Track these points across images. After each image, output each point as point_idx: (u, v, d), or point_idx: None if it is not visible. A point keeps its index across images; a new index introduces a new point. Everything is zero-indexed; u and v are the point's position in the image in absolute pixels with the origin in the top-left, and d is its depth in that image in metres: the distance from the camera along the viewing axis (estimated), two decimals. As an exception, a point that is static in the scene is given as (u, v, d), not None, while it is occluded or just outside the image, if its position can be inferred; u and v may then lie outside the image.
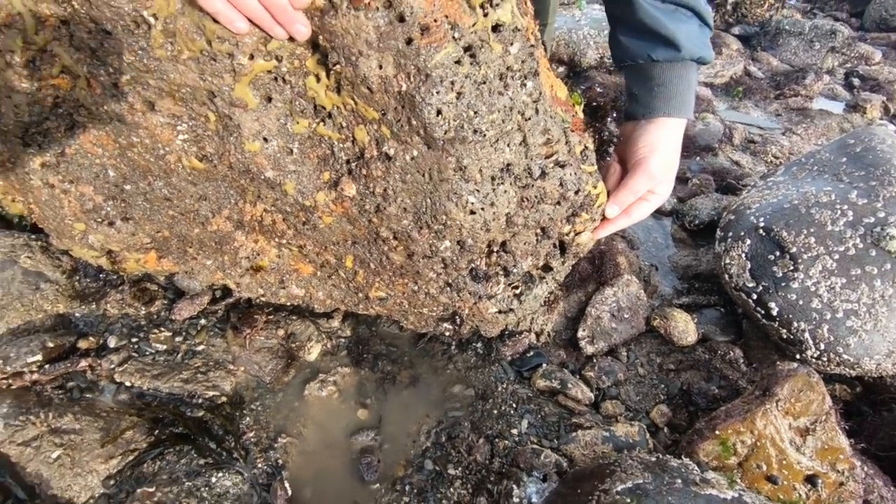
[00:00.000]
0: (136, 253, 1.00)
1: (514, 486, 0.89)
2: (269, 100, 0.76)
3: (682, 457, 0.91)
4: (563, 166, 0.84)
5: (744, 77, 2.61)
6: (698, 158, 1.88)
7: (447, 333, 1.10)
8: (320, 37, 0.68)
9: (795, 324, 1.07)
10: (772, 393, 0.91)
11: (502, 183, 0.79)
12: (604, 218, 0.94)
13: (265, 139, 0.79)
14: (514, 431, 1.01)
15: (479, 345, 1.20)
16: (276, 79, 0.74)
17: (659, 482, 0.79)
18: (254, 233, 0.97)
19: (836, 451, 0.89)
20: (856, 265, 1.05)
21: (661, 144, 0.88)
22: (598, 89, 1.69)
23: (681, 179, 1.80)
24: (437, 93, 0.67)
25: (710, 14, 0.89)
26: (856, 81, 2.68)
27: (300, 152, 0.81)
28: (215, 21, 0.66)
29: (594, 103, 0.93)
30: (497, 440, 1.00)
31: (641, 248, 1.53)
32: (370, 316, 1.19)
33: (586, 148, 0.89)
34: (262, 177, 0.83)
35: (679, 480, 0.79)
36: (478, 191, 0.78)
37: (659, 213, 1.67)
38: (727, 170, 1.80)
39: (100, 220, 0.93)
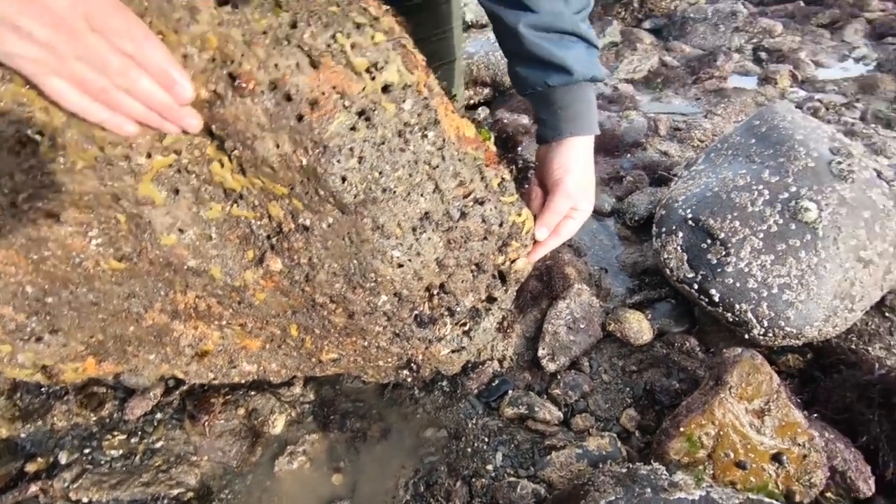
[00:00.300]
0: (71, 363, 0.96)
1: (496, 525, 0.89)
2: (177, 192, 0.75)
3: (653, 461, 0.92)
4: (482, 203, 0.86)
5: (661, 68, 2.73)
6: (629, 155, 1.95)
7: (409, 379, 1.10)
8: (213, 126, 0.68)
9: (737, 306, 1.11)
10: (723, 381, 0.93)
11: (424, 231, 0.81)
12: (536, 241, 0.96)
13: (180, 230, 0.78)
14: (490, 467, 1.01)
15: (444, 383, 1.20)
16: (178, 171, 0.74)
17: (630, 496, 0.80)
18: (191, 320, 0.95)
19: (793, 426, 0.92)
20: (780, 241, 1.10)
21: (572, 164, 0.91)
22: (506, 120, 1.73)
23: (616, 178, 1.86)
24: (338, 161, 0.68)
25: (594, 36, 0.93)
26: (763, 55, 2.85)
27: (219, 236, 0.80)
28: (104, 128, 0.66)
29: (504, 134, 0.94)
30: (474, 479, 0.99)
31: (589, 254, 1.57)
32: (332, 375, 1.17)
33: (503, 179, 0.92)
34: (185, 266, 0.82)
35: (649, 490, 0.80)
36: (401, 244, 0.79)
37: (600, 215, 1.71)
38: (657, 162, 1.87)
39: (26, 337, 0.90)
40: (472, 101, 2.24)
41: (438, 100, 0.80)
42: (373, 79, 0.69)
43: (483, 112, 2.19)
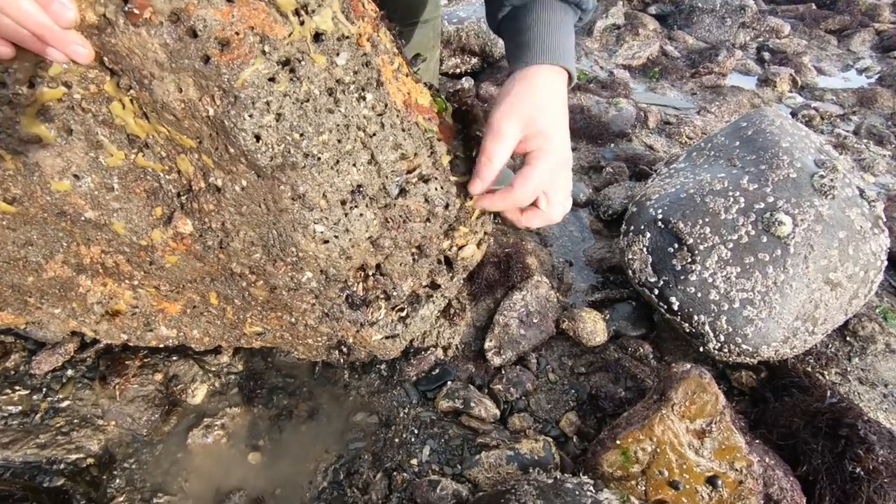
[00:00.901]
0: (-37, 310, 0.87)
1: (409, 525, 0.83)
2: (70, 132, 0.65)
3: (582, 473, 0.87)
4: (426, 181, 0.78)
5: (660, 57, 2.62)
6: (612, 145, 1.86)
7: (340, 361, 1.03)
8: (105, 58, 0.58)
9: (696, 317, 1.06)
10: (667, 397, 0.88)
11: (355, 206, 0.72)
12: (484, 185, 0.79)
13: (76, 176, 0.69)
14: (415, 462, 0.96)
15: (382, 366, 1.13)
16: (71, 108, 0.63)
17: (550, 510, 0.75)
18: (99, 276, 0.86)
19: (732, 450, 0.87)
20: (749, 253, 1.04)
21: (542, 99, 0.74)
22: (489, 94, 1.61)
23: (595, 168, 1.78)
24: (251, 116, 0.59)
25: None
26: (766, 55, 2.75)
27: (122, 188, 0.71)
28: (-31, 47, 0.55)
29: (464, 107, 0.85)
30: (396, 473, 0.94)
31: (556, 244, 1.50)
32: (263, 348, 1.10)
33: (456, 157, 0.83)
34: (83, 218, 0.73)
35: (570, 505, 0.75)
36: (326, 218, 0.70)
37: (574, 205, 1.63)
38: (640, 155, 1.79)
39: None
40: (457, 70, 2.12)
41: (385, 59, 0.71)
42: (301, 23, 0.59)
43: (467, 83, 2.08)
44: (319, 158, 0.64)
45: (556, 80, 0.76)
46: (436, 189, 0.79)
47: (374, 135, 0.69)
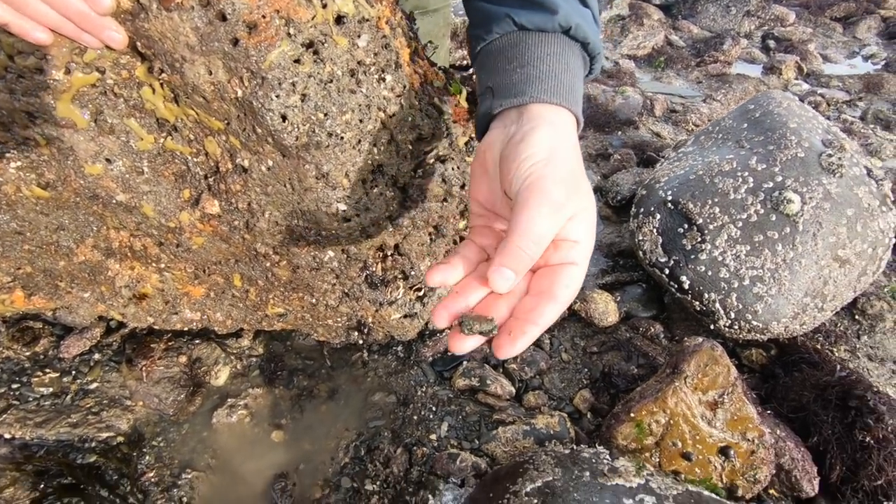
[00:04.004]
0: (-3, 294, 0.91)
1: (430, 496, 0.86)
2: (102, 117, 0.68)
3: (598, 445, 0.89)
4: (443, 161, 0.80)
5: (666, 47, 2.63)
6: (620, 133, 1.88)
7: (360, 342, 1.05)
8: (138, 43, 0.61)
9: (706, 295, 1.08)
10: (680, 370, 0.90)
11: (376, 185, 0.74)
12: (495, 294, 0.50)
13: (108, 160, 0.71)
14: (433, 437, 0.98)
15: (399, 348, 1.16)
16: (104, 93, 0.66)
17: (568, 477, 0.77)
18: (128, 260, 0.90)
19: (745, 421, 0.89)
20: (758, 231, 1.05)
21: (550, 147, 0.50)
22: None
23: (603, 155, 1.80)
24: (277, 97, 0.61)
25: (596, 4, 0.64)
26: (771, 44, 2.75)
27: (152, 171, 0.74)
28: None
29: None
30: (416, 448, 0.96)
31: (566, 230, 1.51)
32: (283, 331, 1.13)
33: (471, 139, 0.85)
34: (115, 201, 0.76)
35: (588, 473, 0.78)
36: (348, 197, 0.73)
37: (583, 192, 1.65)
38: (647, 142, 1.80)
39: (-56, 263, 0.84)
40: (464, 62, 2.14)
41: (403, 41, 0.73)
42: (324, 6, 0.62)
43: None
44: (343, 138, 0.67)
45: (571, 125, 0.56)
46: (452, 169, 0.81)
47: (394, 115, 0.71)
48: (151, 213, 0.77)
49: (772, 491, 0.92)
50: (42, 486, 0.87)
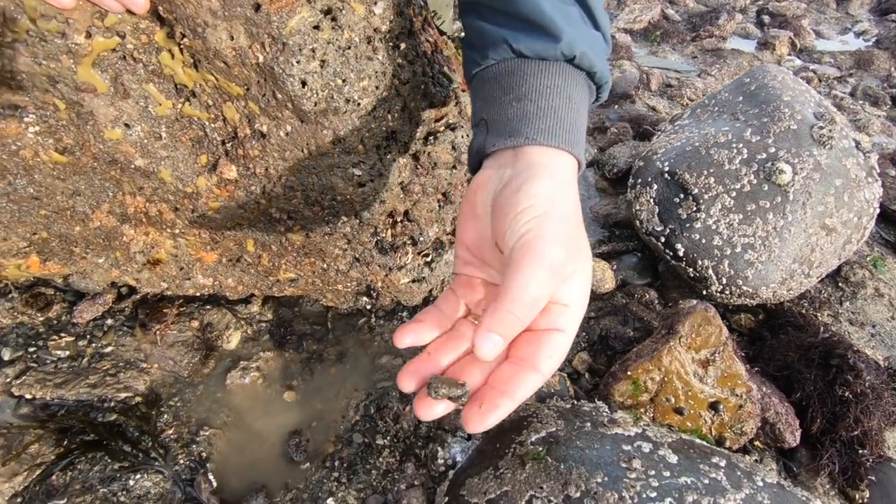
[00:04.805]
0: (13, 259, 0.92)
1: (440, 448, 0.91)
2: (122, 81, 0.69)
3: (597, 400, 0.95)
4: (453, 129, 0.83)
5: (662, 21, 2.63)
6: (616, 107, 1.90)
7: (368, 307, 1.09)
8: (160, 8, 0.62)
9: (700, 262, 1.12)
10: (674, 331, 0.95)
11: (389, 152, 0.77)
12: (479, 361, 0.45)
13: (126, 125, 0.73)
14: (439, 395, 1.03)
15: (404, 314, 1.20)
16: (123, 57, 0.67)
17: (570, 428, 0.82)
18: (142, 225, 0.92)
19: (734, 378, 0.95)
20: (751, 201, 1.10)
21: (552, 204, 0.45)
22: None
23: (600, 129, 1.82)
24: (298, 62, 0.63)
25: (604, 16, 0.58)
26: (766, 18, 2.76)
27: (170, 136, 0.75)
28: (34, -3, 0.59)
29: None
30: (423, 406, 1.01)
31: (563, 201, 1.55)
32: (292, 297, 1.16)
33: (479, 107, 0.88)
34: (133, 166, 0.77)
35: (588, 424, 0.83)
36: (363, 162, 0.75)
37: (580, 165, 1.68)
38: (643, 116, 1.83)
39: (-39, 227, 0.85)
40: (462, 34, 2.13)
41: (414, 10, 0.75)
42: (342, -27, 0.63)
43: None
44: (360, 104, 0.69)
45: (571, 172, 0.50)
46: (462, 137, 0.83)
47: (408, 82, 0.73)
48: (169, 179, 0.79)
49: (756, 442, 0.98)
50: (66, 442, 0.91)
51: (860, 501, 0.92)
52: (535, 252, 0.42)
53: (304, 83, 0.65)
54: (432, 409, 0.42)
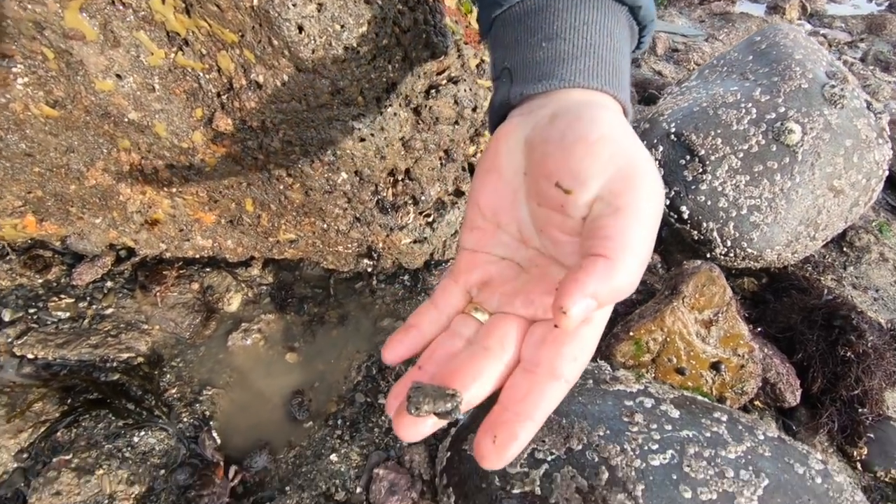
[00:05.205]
0: (9, 218, 0.91)
1: (441, 408, 0.92)
2: (111, 28, 0.67)
3: (599, 360, 0.95)
4: (456, 82, 0.80)
5: (670, -18, 2.55)
6: (622, 70, 1.85)
7: (369, 269, 1.08)
8: (149, -54, 0.59)
9: (705, 224, 1.11)
10: (678, 291, 0.94)
11: (390, 105, 0.75)
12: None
13: (118, 76, 0.71)
14: (441, 356, 1.03)
15: (406, 277, 1.19)
16: (112, 2, 0.65)
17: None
18: (139, 184, 0.90)
19: (736, 338, 0.95)
20: (758, 162, 1.08)
21: (633, 138, 0.36)
22: None
23: (605, 93, 1.78)
24: (294, 5, 0.60)
25: None
26: (778, -20, 2.67)
27: (163, 88, 0.73)
28: (16, -67, 0.56)
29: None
30: (424, 367, 1.02)
31: (566, 166, 1.53)
32: (292, 260, 1.15)
33: (482, 61, 0.85)
34: (126, 119, 0.75)
35: (591, 381, 0.83)
36: (363, 115, 0.73)
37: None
38: (649, 80, 1.79)
39: (-46, 185, 0.83)
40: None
41: (416, -47, 0.71)
42: None
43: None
44: (358, 52, 0.66)
45: (618, 111, 0.40)
46: (464, 91, 0.81)
47: (408, 31, 0.71)
48: (164, 133, 0.77)
49: (756, 402, 0.99)
50: (70, 400, 0.91)
51: (858, 458, 0.93)
52: (638, 198, 0.32)
53: (300, 28, 0.62)
54: (417, 429, 0.34)
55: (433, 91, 0.78)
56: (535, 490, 0.67)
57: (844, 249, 1.33)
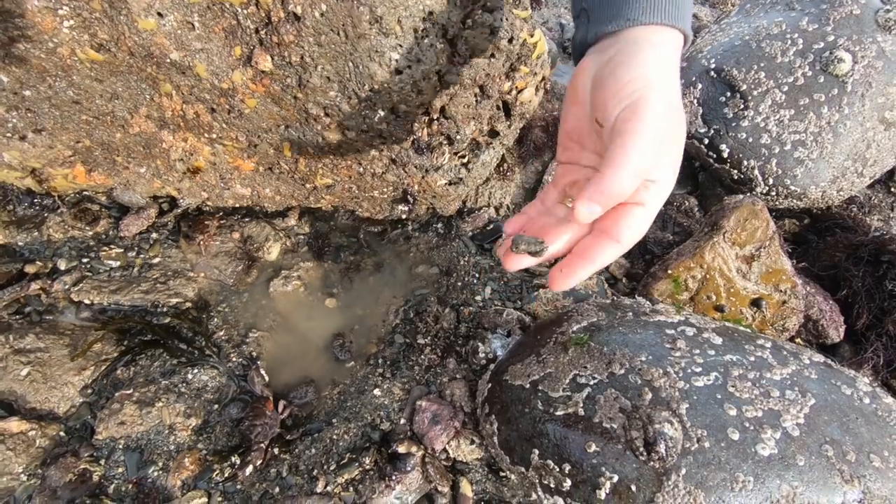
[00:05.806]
0: (60, 168, 0.95)
1: (480, 344, 0.94)
2: (152, -37, 0.67)
3: (637, 296, 0.95)
4: (491, 11, 0.78)
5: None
6: (655, 14, 1.78)
7: (403, 216, 1.09)
8: None
9: (745, 162, 1.08)
10: (719, 226, 0.93)
11: (427, 35, 0.74)
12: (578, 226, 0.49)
13: (159, 14, 0.72)
14: (478, 298, 1.05)
15: (439, 225, 1.20)
16: (152, -65, 0.65)
17: (612, 318, 0.83)
18: (181, 130, 0.92)
19: (779, 273, 0.93)
20: (804, 94, 1.03)
21: (656, 76, 0.44)
22: None
23: (637, 38, 1.72)
24: (332, -74, 0.60)
25: None
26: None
27: (203, 26, 0.74)
28: None
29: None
30: (462, 308, 1.03)
31: (598, 114, 1.49)
32: (328, 211, 1.17)
33: (517, -10, 0.83)
34: (168, 60, 0.76)
35: (630, 314, 0.83)
36: (400, 45, 0.72)
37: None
38: (684, 22, 1.71)
39: (9, 134, 0.87)
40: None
41: None
42: None
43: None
44: (396, -24, 0.66)
45: (675, 47, 0.48)
46: (500, 20, 0.79)
47: (445, -46, 0.69)
48: (204, 74, 0.78)
49: (798, 340, 0.98)
50: (126, 341, 0.96)
51: (904, 392, 0.92)
52: (639, 122, 0.42)
53: (338, -48, 0.62)
54: (517, 262, 0.49)
55: (469, 20, 0.77)
56: (577, 411, 0.68)
57: (892, 190, 1.28)
